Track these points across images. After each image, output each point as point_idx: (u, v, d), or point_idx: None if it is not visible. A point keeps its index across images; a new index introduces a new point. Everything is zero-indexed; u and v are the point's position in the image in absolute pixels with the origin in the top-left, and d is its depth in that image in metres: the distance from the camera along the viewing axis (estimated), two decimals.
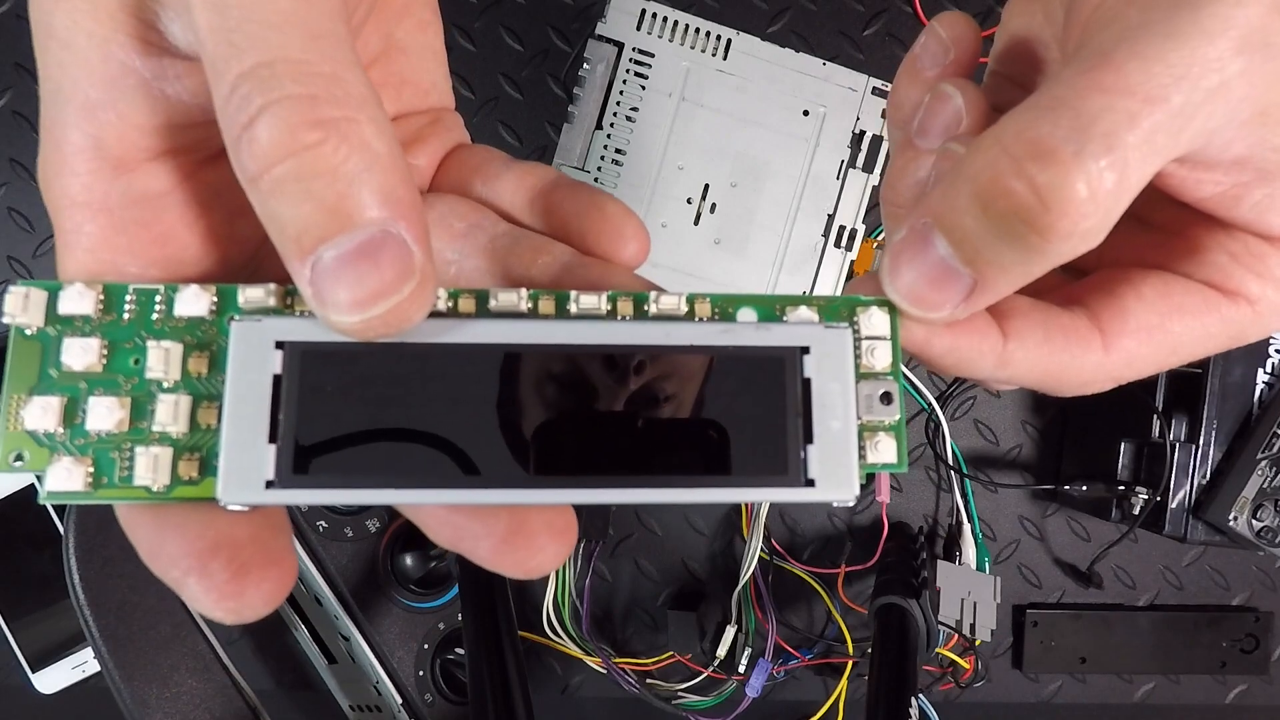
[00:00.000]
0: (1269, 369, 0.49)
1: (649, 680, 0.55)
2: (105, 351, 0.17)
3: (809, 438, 0.18)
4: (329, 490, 0.17)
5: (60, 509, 0.53)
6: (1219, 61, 0.15)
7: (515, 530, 0.17)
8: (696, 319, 0.19)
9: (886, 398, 0.18)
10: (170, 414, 0.17)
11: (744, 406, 0.18)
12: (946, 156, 0.20)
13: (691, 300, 0.19)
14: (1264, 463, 0.48)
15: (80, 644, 0.53)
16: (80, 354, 0.17)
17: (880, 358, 0.19)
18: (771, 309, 0.19)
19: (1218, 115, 0.16)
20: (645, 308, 0.19)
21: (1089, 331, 0.20)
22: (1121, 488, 0.51)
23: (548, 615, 0.53)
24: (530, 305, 0.18)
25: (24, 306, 0.17)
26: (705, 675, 0.54)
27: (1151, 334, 0.20)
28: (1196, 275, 0.20)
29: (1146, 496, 0.50)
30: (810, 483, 0.18)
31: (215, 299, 0.18)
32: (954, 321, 0.19)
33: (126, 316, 0.18)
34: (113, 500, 0.17)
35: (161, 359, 0.17)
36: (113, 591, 0.44)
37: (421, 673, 0.49)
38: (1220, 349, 0.20)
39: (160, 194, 0.19)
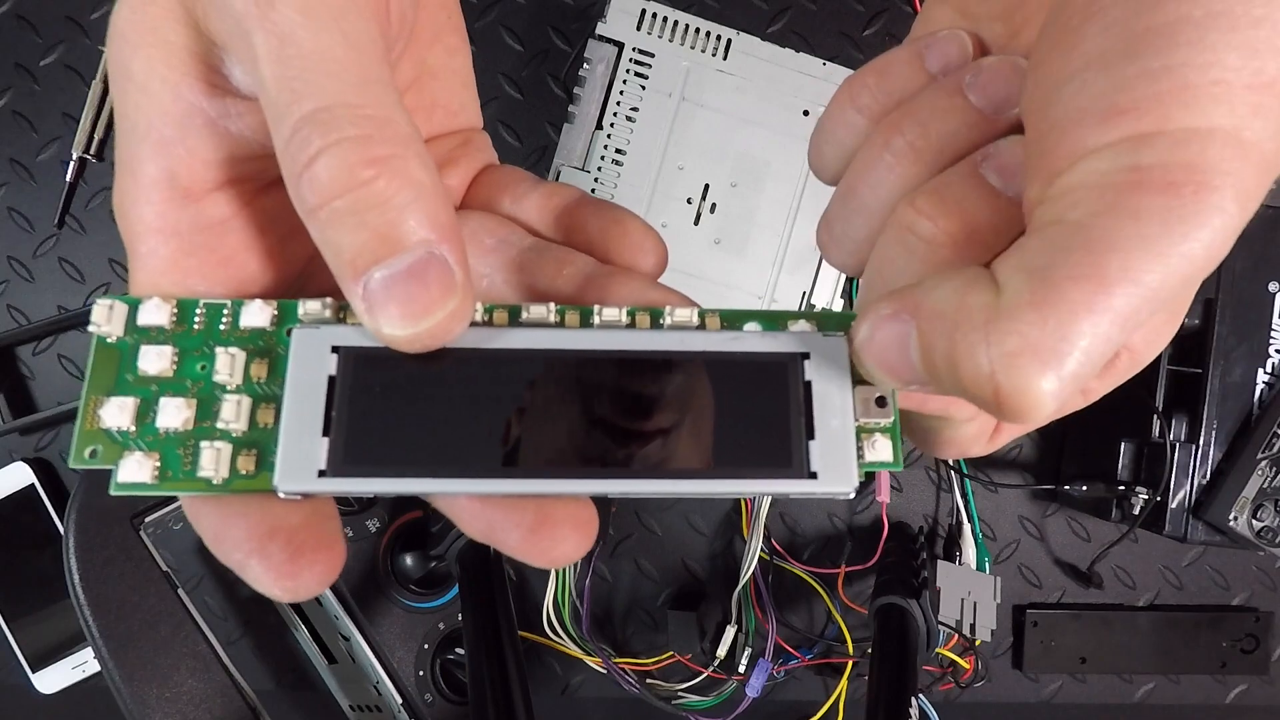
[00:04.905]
0: (1269, 369, 0.49)
1: (649, 680, 0.55)
2: (176, 358, 0.19)
3: (811, 434, 0.19)
4: (375, 480, 0.18)
5: (61, 509, 0.53)
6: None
7: (542, 521, 0.19)
8: (707, 330, 0.20)
9: (881, 401, 0.20)
10: (234, 412, 0.19)
11: (751, 407, 0.20)
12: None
13: (703, 315, 0.21)
14: (1264, 463, 0.48)
15: (80, 644, 0.53)
16: (155, 360, 0.19)
17: None
18: (774, 322, 0.21)
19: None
20: (661, 321, 0.20)
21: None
22: (1121, 488, 0.51)
23: (548, 615, 0.53)
24: (558, 318, 0.20)
25: (108, 317, 0.19)
26: (705, 675, 0.54)
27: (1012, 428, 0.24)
28: None
29: (1146, 496, 0.50)
30: (813, 475, 0.19)
31: (276, 312, 0.20)
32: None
33: (196, 327, 0.19)
34: (176, 492, 0.19)
35: (228, 363, 0.19)
36: (113, 591, 0.44)
37: (421, 673, 0.50)
38: None
39: (223, 220, 0.21)
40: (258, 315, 0.19)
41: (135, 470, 0.18)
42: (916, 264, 0.19)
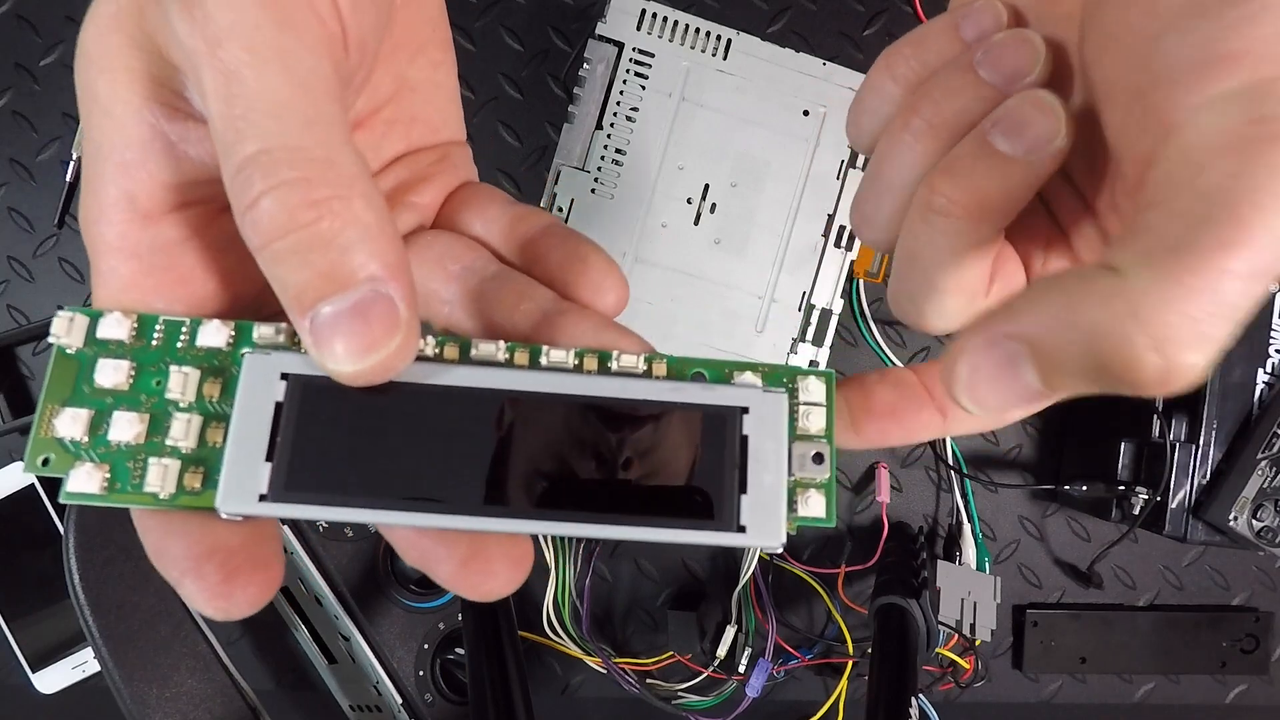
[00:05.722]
0: (1269, 369, 0.49)
1: (649, 680, 0.55)
2: (133, 373, 0.19)
3: (743, 488, 0.20)
4: (313, 507, 0.19)
5: (61, 509, 0.53)
6: None
7: (474, 555, 0.19)
8: (653, 377, 0.21)
9: (818, 458, 0.20)
10: (184, 430, 0.19)
11: (687, 457, 0.20)
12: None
13: (650, 360, 0.21)
14: (1264, 463, 0.48)
15: (80, 644, 0.53)
16: (112, 373, 0.19)
17: (815, 421, 0.21)
18: (722, 371, 0.21)
19: None
20: (608, 364, 0.21)
21: (932, 409, 0.23)
22: (1121, 488, 0.51)
23: (548, 615, 0.53)
24: (507, 356, 0.20)
25: (69, 329, 0.19)
26: (705, 675, 0.54)
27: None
28: None
29: (1146, 496, 0.50)
30: (741, 529, 0.19)
31: (233, 333, 0.20)
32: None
33: (154, 343, 0.20)
34: (123, 504, 0.19)
35: (181, 382, 0.19)
36: (113, 591, 0.44)
37: (421, 673, 0.50)
38: None
39: (181, 241, 0.21)
40: (214, 335, 0.20)
41: (85, 481, 0.19)
42: (939, 238, 0.20)
